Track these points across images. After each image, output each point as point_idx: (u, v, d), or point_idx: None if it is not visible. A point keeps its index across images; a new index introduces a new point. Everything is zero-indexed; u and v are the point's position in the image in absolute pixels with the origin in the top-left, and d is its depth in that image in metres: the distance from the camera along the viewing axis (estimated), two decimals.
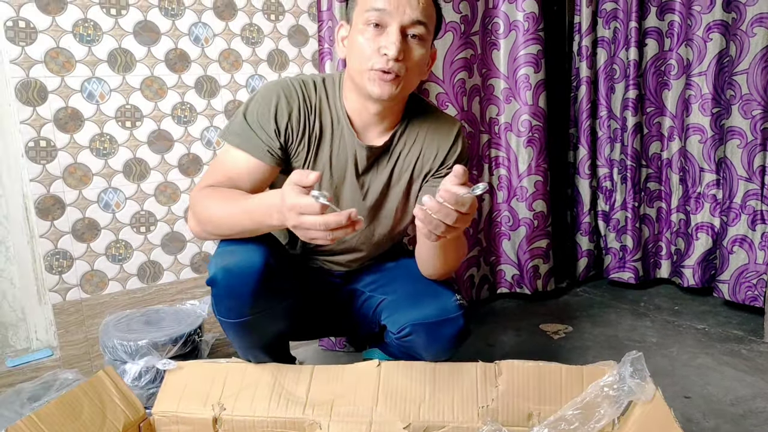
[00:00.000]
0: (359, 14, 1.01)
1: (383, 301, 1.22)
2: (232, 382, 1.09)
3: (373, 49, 0.99)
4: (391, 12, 0.98)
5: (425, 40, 1.03)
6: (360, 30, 1.01)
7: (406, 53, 1.00)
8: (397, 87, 1.02)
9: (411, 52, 1.01)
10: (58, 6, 1.32)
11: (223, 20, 1.52)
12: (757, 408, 1.30)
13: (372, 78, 1.01)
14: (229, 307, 1.02)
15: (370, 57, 1.00)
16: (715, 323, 1.81)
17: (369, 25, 0.99)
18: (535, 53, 1.90)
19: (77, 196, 1.40)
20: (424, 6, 1.00)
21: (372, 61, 1.00)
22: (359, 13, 1.02)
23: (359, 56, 1.01)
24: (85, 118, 1.39)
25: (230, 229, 0.99)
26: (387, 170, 1.15)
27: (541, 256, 2.04)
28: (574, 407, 0.97)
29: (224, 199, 0.98)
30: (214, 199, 0.99)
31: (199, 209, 1.01)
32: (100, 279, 1.46)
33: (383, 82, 1.00)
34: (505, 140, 1.99)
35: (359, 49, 1.01)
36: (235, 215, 0.96)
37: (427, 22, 1.01)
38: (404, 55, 1.00)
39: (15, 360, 1.41)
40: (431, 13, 1.03)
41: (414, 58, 1.02)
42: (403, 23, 0.99)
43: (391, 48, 0.98)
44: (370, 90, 1.02)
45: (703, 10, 1.90)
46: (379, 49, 0.99)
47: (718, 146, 1.95)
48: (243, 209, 0.95)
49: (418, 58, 1.03)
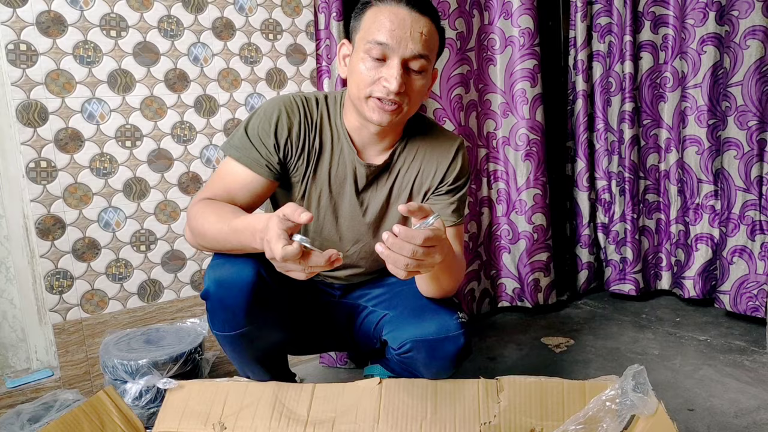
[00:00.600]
0: (361, 41, 1.01)
1: (385, 317, 1.21)
2: (232, 401, 1.09)
3: (374, 78, 1.00)
4: (393, 47, 0.98)
5: (426, 71, 1.03)
6: (361, 57, 1.01)
7: (408, 85, 1.01)
8: (397, 116, 1.03)
9: (412, 83, 1.02)
10: (58, 29, 1.34)
11: (221, 40, 1.54)
12: (761, 420, 1.30)
13: (372, 106, 1.02)
14: (224, 320, 1.03)
15: (369, 85, 1.00)
16: (717, 334, 1.81)
17: (370, 54, 0.99)
18: (531, 68, 1.92)
19: (77, 215, 1.41)
20: (426, 39, 0.99)
21: (372, 89, 1.00)
22: (361, 39, 1.01)
23: (359, 83, 1.01)
24: (86, 138, 1.40)
25: (221, 246, 1.00)
26: (386, 187, 1.16)
27: (541, 269, 2.04)
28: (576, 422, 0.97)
29: (217, 214, 0.98)
30: (207, 213, 0.99)
31: (194, 223, 1.01)
32: (101, 298, 1.46)
33: (383, 111, 1.01)
34: (504, 154, 2.00)
35: (359, 77, 1.01)
36: (224, 233, 0.96)
37: (428, 54, 1.01)
38: (405, 88, 1.00)
39: (15, 381, 1.40)
40: (434, 44, 1.03)
41: (415, 89, 1.02)
42: (404, 57, 0.99)
43: (393, 83, 0.98)
44: (369, 116, 1.03)
45: (697, 24, 1.92)
46: (380, 80, 0.99)
47: (715, 157, 1.96)
48: (232, 229, 0.95)
49: (419, 89, 1.03)
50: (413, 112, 1.08)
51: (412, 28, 0.98)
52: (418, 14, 0.98)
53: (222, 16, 1.53)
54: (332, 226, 1.16)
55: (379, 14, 0.99)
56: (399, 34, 0.97)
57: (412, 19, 0.98)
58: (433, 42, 1.03)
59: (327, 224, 1.16)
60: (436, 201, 1.17)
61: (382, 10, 0.99)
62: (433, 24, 1.01)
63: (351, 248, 1.19)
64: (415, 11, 0.98)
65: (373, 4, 1.01)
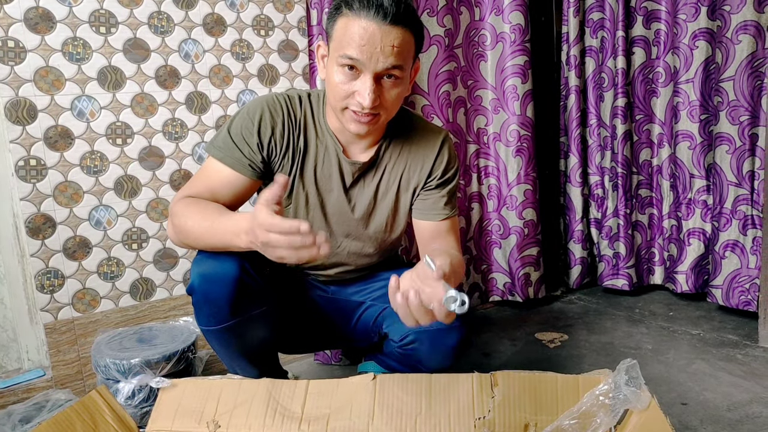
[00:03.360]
0: (334, 51, 0.98)
1: (385, 310, 1.22)
2: (226, 399, 1.08)
3: (348, 91, 0.98)
4: (364, 62, 0.95)
5: (401, 78, 1.00)
6: (335, 70, 0.98)
7: (382, 96, 0.99)
8: (374, 125, 1.03)
9: (386, 93, 1.00)
10: (47, 25, 1.32)
11: (212, 36, 1.53)
12: (753, 413, 1.30)
13: (348, 118, 1.01)
14: (209, 314, 1.04)
15: (345, 98, 0.99)
16: (710, 328, 1.82)
17: (343, 67, 0.97)
18: (522, 64, 1.92)
19: (68, 214, 1.40)
20: (399, 51, 0.95)
21: (347, 101, 0.99)
22: (334, 49, 0.98)
23: (335, 95, 1.00)
24: (76, 136, 1.39)
25: (204, 244, 1.00)
26: (374, 184, 1.16)
27: (532, 264, 2.04)
28: (570, 417, 0.97)
29: (200, 213, 0.98)
30: (190, 212, 0.99)
31: (176, 220, 1.01)
32: (92, 297, 1.45)
33: (359, 123, 1.01)
34: (494, 150, 2.00)
35: (335, 89, 0.99)
36: (207, 232, 0.96)
37: (402, 64, 0.98)
38: (379, 100, 0.99)
39: (6, 381, 1.39)
40: (407, 51, 0.99)
41: (390, 98, 1.01)
42: (377, 71, 0.96)
43: (365, 99, 0.96)
44: (347, 126, 1.03)
45: (689, 19, 1.93)
46: (354, 94, 0.98)
47: (707, 152, 1.97)
48: (214, 228, 0.94)
49: (395, 97, 1.02)
50: (392, 116, 1.07)
51: (382, 43, 0.94)
52: (389, 26, 0.93)
53: (213, 12, 1.52)
54: (321, 222, 1.16)
55: (349, 26, 0.94)
56: (369, 50, 0.94)
57: (383, 33, 0.93)
58: (408, 49, 0.99)
59: (316, 221, 1.16)
60: (427, 195, 1.17)
61: (352, 22, 0.94)
62: (407, 29, 0.96)
63: (342, 243, 1.19)
64: (386, 24, 0.93)
65: (343, 13, 0.96)
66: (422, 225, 1.19)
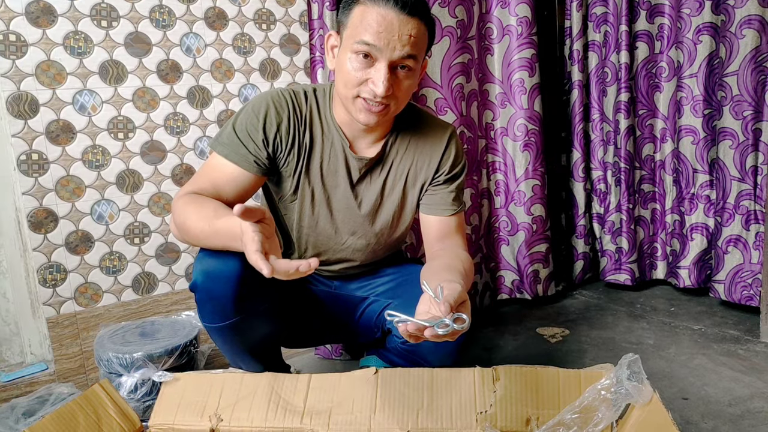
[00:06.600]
0: (348, 38, 0.99)
1: (389, 306, 1.21)
2: (229, 393, 1.09)
3: (361, 79, 0.98)
4: (380, 48, 0.95)
5: (414, 70, 1.01)
6: (349, 57, 0.98)
7: (395, 86, 0.99)
8: (384, 116, 1.02)
9: (400, 83, 1.00)
10: (48, 19, 1.32)
11: (214, 30, 1.52)
12: (754, 408, 1.30)
13: (359, 107, 1.01)
14: (212, 311, 1.03)
15: (357, 86, 0.99)
16: (712, 324, 1.82)
17: (358, 54, 0.97)
18: (529, 57, 1.91)
19: (70, 208, 1.40)
20: (415, 41, 0.97)
21: (359, 89, 0.99)
22: (349, 37, 0.99)
23: (347, 83, 1.00)
24: (77, 130, 1.39)
25: (204, 244, 1.00)
26: (380, 180, 1.15)
27: (540, 261, 2.03)
28: (572, 411, 0.97)
29: (201, 211, 0.97)
30: (191, 209, 0.98)
31: (178, 217, 1.00)
32: (95, 291, 1.45)
33: (369, 112, 1.00)
34: (502, 145, 1.99)
35: (347, 76, 0.99)
36: (207, 232, 0.95)
37: (417, 54, 0.99)
38: (392, 89, 0.99)
39: (9, 375, 1.40)
40: (423, 43, 1.00)
41: (402, 89, 1.01)
42: (392, 59, 0.96)
43: (380, 87, 0.96)
44: (356, 116, 1.02)
45: (693, 13, 1.92)
46: (367, 81, 0.98)
47: (710, 147, 1.96)
48: (213, 230, 0.94)
49: (407, 88, 1.02)
50: (401, 109, 1.07)
51: (400, 31, 0.95)
52: (406, 16, 0.95)
53: (214, 6, 1.51)
54: (327, 219, 1.16)
55: (367, 14, 0.95)
56: (386, 37, 0.94)
57: (400, 22, 0.94)
58: (422, 41, 1.00)
59: (322, 217, 1.16)
60: (435, 191, 1.17)
61: (370, 10, 0.95)
62: (422, 22, 0.98)
63: (347, 240, 1.19)
64: (404, 13, 0.94)
65: (360, 1, 0.97)
66: (430, 220, 1.19)
